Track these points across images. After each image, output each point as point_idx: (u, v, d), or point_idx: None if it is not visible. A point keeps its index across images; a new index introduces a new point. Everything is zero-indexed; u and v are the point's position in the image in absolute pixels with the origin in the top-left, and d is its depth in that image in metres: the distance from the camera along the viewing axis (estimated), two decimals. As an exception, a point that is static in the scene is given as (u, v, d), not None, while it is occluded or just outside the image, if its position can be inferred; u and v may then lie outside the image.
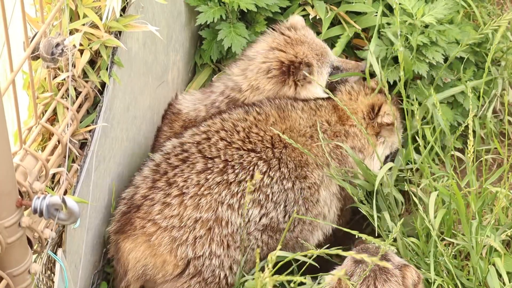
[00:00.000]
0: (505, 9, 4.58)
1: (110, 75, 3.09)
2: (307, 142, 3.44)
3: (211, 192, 3.22)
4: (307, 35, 3.77)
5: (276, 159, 3.34)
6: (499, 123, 4.15)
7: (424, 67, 3.80)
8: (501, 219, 3.43)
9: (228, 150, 3.30)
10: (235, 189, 3.25)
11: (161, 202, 3.21)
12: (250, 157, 3.30)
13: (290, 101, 3.54)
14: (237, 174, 3.26)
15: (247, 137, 3.34)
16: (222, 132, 3.35)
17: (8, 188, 2.21)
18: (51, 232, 2.49)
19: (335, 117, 3.59)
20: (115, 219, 3.28)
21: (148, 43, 3.49)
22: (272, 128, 3.37)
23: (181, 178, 3.24)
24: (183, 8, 3.96)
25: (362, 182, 3.51)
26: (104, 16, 2.98)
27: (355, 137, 3.59)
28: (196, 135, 3.36)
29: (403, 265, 3.05)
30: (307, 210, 3.43)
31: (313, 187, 3.42)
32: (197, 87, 4.13)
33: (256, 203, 3.29)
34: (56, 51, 2.59)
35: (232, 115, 3.42)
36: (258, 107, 3.47)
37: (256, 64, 3.68)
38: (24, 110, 2.97)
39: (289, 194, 3.36)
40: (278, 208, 3.34)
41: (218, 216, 3.22)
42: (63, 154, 2.84)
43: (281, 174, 3.34)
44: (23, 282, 2.42)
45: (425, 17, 3.80)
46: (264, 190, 3.31)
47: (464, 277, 3.25)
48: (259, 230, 3.32)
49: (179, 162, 3.28)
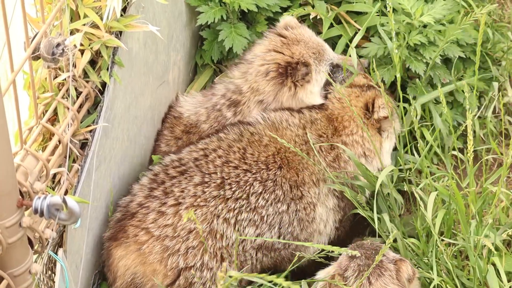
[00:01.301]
0: (506, 8, 4.58)
1: (110, 75, 3.09)
2: (303, 160, 3.43)
3: (207, 204, 3.22)
4: (303, 33, 3.77)
5: (271, 181, 3.34)
6: (499, 122, 4.15)
7: (421, 66, 3.80)
8: (502, 219, 3.43)
9: (225, 168, 3.30)
10: (232, 205, 3.25)
11: (156, 211, 3.20)
12: (246, 176, 3.31)
13: (285, 116, 3.51)
14: (234, 192, 3.27)
15: (242, 158, 3.34)
16: (219, 151, 3.35)
17: (8, 188, 2.21)
18: (51, 232, 2.49)
19: (331, 129, 3.56)
20: (110, 226, 3.28)
21: (149, 43, 3.49)
22: (265, 149, 3.37)
23: (178, 189, 3.23)
24: (184, 8, 3.97)
25: (364, 183, 3.51)
26: (104, 16, 2.98)
27: (354, 144, 3.56)
28: (193, 151, 3.37)
29: (398, 259, 3.06)
30: (302, 230, 3.43)
31: (308, 206, 3.43)
32: (198, 88, 4.13)
33: (251, 222, 3.29)
34: (56, 51, 2.59)
35: (229, 135, 3.42)
36: (252, 127, 3.46)
37: (255, 67, 3.69)
38: (25, 110, 2.97)
39: (283, 217, 3.36)
40: (273, 230, 3.34)
41: (213, 229, 3.21)
42: (64, 154, 2.84)
43: (276, 196, 3.34)
44: (24, 282, 2.42)
45: (424, 17, 3.80)
46: (259, 211, 3.30)
47: (465, 277, 3.25)
48: (254, 248, 3.33)
49: (177, 174, 3.29)
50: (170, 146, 3.81)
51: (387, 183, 3.47)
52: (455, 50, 3.89)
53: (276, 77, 3.64)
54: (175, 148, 3.79)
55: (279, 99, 3.68)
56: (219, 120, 3.77)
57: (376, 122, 3.60)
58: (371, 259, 3.04)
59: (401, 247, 3.36)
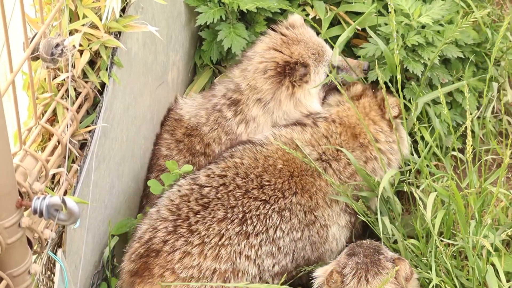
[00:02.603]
0: (505, 9, 4.58)
1: (109, 75, 3.09)
2: (315, 182, 3.42)
3: (231, 243, 3.22)
4: (304, 34, 3.77)
5: (288, 210, 3.35)
6: (498, 122, 4.15)
7: (419, 67, 3.80)
8: (501, 219, 3.43)
9: (245, 200, 3.29)
10: (254, 241, 3.26)
11: (182, 251, 3.18)
12: (265, 209, 3.31)
13: (295, 135, 3.48)
14: (254, 226, 3.27)
15: (260, 187, 3.33)
16: (238, 179, 3.33)
17: (8, 188, 2.21)
18: (51, 233, 2.49)
19: (351, 142, 3.51)
20: (131, 259, 3.25)
21: (148, 43, 3.49)
22: (279, 175, 3.36)
23: (203, 226, 3.21)
24: (183, 8, 3.97)
25: (368, 193, 3.50)
26: (103, 16, 2.98)
27: (378, 143, 3.53)
28: (213, 179, 3.33)
29: (396, 258, 3.07)
30: (313, 251, 3.45)
31: (322, 229, 3.44)
32: (198, 90, 4.12)
33: (269, 254, 3.31)
34: (55, 52, 2.59)
35: (244, 160, 3.39)
36: (265, 148, 3.44)
37: (254, 64, 3.69)
38: (24, 111, 2.97)
39: (298, 244, 3.39)
40: (288, 257, 3.37)
41: (236, 268, 3.22)
42: (63, 155, 2.84)
43: (292, 225, 3.35)
44: (23, 282, 2.42)
45: (422, 17, 3.80)
46: (277, 243, 3.32)
47: (464, 277, 3.25)
48: (272, 276, 3.36)
49: (200, 208, 3.26)
50: (171, 150, 3.80)
51: (388, 188, 3.46)
52: (454, 51, 3.89)
53: (274, 76, 3.64)
54: (176, 152, 3.78)
55: (277, 98, 3.68)
56: (219, 122, 3.77)
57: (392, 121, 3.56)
58: (370, 257, 3.05)
59: (401, 248, 3.37)
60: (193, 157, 3.79)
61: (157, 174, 3.72)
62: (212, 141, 3.77)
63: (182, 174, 3.48)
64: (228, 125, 3.76)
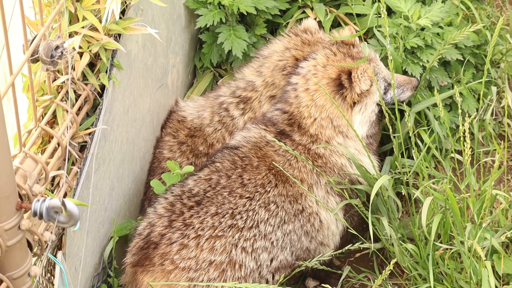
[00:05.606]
0: (505, 11, 4.59)
1: (109, 77, 3.10)
2: (290, 170, 3.43)
3: (225, 234, 3.29)
4: (324, 39, 3.78)
5: (273, 203, 3.39)
6: (498, 125, 4.15)
7: (418, 69, 3.81)
8: (501, 221, 3.43)
9: (232, 198, 3.35)
10: (247, 234, 3.32)
11: (179, 243, 3.27)
12: (252, 205, 3.36)
13: (263, 133, 3.49)
14: (245, 221, 3.33)
15: (243, 185, 3.39)
16: (222, 181, 3.39)
17: (7, 191, 2.21)
18: (51, 235, 2.50)
19: (296, 130, 3.50)
20: (132, 252, 3.34)
21: (148, 45, 3.50)
22: (257, 172, 3.41)
23: (197, 220, 3.29)
24: (183, 10, 3.97)
25: (364, 187, 3.50)
26: (103, 18, 2.98)
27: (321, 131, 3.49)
28: (200, 183, 3.40)
29: None
30: (310, 241, 3.49)
31: (311, 216, 3.46)
32: (198, 93, 4.13)
33: (265, 249, 3.36)
34: (55, 54, 2.60)
35: (224, 163, 3.44)
36: (240, 150, 3.47)
37: (272, 61, 3.71)
38: (24, 113, 2.97)
39: (292, 236, 3.43)
40: (285, 251, 3.42)
41: (232, 259, 3.29)
42: (63, 157, 2.84)
43: (281, 219, 3.39)
44: (23, 285, 2.42)
45: (421, 19, 3.81)
46: (269, 237, 3.37)
47: (462, 280, 3.25)
48: (271, 272, 3.41)
49: (193, 203, 3.34)
50: (174, 152, 3.80)
51: (387, 187, 3.46)
52: (453, 53, 3.89)
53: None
54: (179, 154, 3.79)
55: None
56: (224, 122, 3.77)
57: (358, 96, 3.45)
58: None
59: (397, 252, 3.37)
60: (196, 158, 3.80)
61: (160, 178, 3.72)
62: (215, 141, 3.78)
63: (183, 175, 3.52)
64: (234, 124, 3.77)
